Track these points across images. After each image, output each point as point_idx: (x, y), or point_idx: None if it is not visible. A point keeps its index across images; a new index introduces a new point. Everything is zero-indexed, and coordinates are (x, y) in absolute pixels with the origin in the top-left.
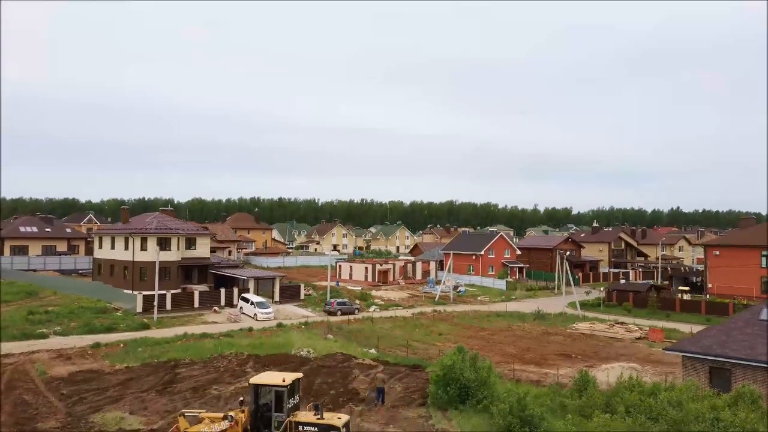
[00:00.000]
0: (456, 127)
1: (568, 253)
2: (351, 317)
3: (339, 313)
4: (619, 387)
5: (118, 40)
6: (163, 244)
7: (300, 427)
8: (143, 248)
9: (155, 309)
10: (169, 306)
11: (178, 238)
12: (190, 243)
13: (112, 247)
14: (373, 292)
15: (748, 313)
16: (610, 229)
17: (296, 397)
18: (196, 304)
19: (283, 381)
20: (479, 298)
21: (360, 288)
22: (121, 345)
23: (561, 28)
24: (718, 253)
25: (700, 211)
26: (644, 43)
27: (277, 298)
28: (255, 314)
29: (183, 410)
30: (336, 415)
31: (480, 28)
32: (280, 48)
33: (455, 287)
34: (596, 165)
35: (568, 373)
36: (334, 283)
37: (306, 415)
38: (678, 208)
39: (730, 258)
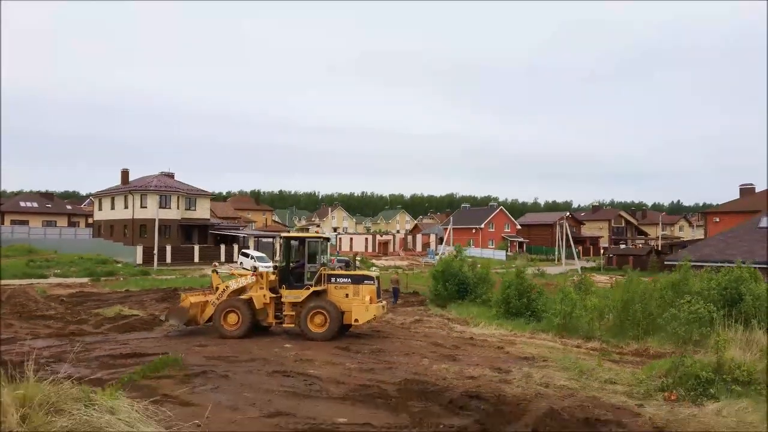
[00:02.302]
0: (456, 126)
1: (568, 215)
2: None
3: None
4: (619, 282)
5: (118, 40)
6: (164, 201)
7: (333, 279)
8: (143, 206)
9: (155, 259)
10: (168, 260)
11: (178, 197)
12: (190, 203)
13: (112, 207)
14: (373, 261)
15: (748, 223)
16: (610, 207)
17: (326, 256)
18: (196, 259)
19: (317, 232)
20: (479, 266)
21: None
22: (121, 278)
23: (561, 28)
24: (718, 219)
25: (701, 204)
26: (644, 43)
27: (278, 257)
28: (255, 268)
29: (215, 267)
30: (368, 269)
31: (480, 28)
32: (281, 48)
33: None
34: (597, 165)
35: None
36: (335, 254)
37: (338, 270)
38: (679, 201)
39: (730, 224)
